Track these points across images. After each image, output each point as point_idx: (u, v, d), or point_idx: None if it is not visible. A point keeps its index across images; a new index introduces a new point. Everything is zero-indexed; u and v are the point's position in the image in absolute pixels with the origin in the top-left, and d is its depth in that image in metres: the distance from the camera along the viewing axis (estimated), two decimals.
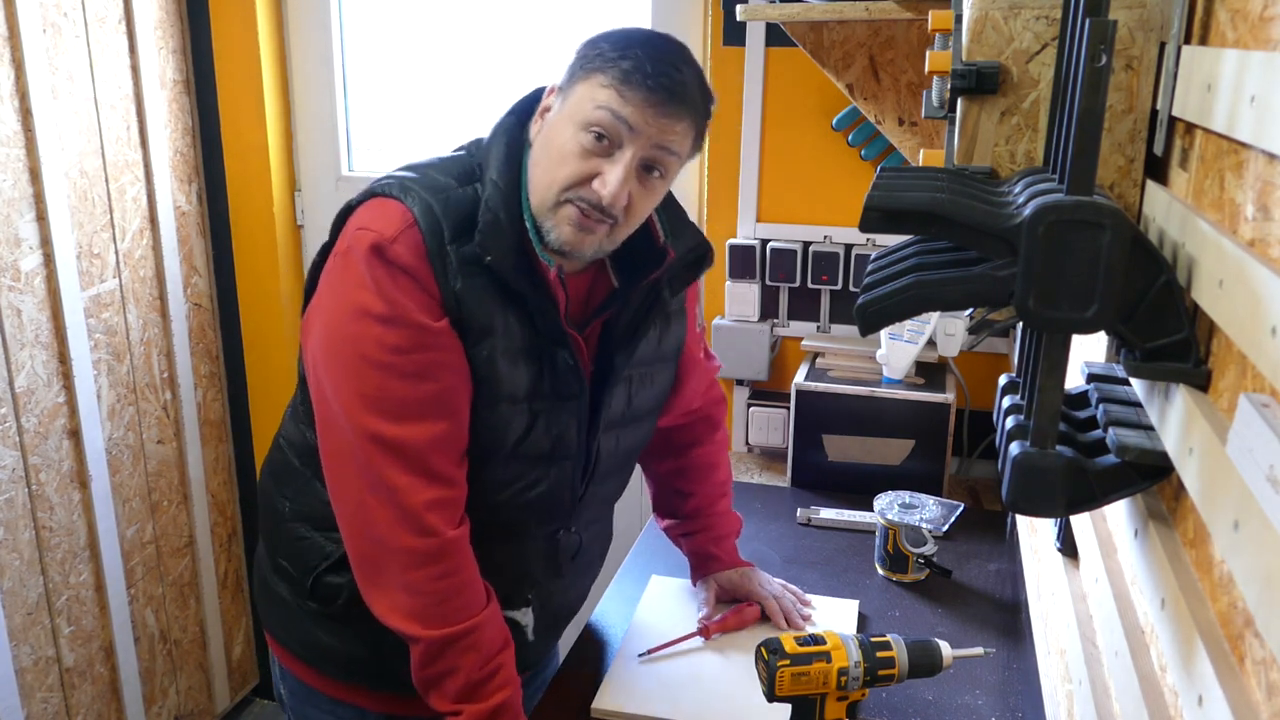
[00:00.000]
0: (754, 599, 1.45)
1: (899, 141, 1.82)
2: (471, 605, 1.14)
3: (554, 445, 1.20)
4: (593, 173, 1.09)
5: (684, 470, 1.50)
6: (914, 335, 1.86)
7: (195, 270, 2.40)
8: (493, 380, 1.13)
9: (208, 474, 2.49)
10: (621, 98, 1.08)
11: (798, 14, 1.69)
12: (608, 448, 1.28)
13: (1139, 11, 0.78)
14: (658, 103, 1.08)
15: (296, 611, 1.28)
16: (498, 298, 1.12)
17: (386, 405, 1.10)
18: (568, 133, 1.10)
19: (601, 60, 1.10)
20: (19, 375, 1.94)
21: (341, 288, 1.12)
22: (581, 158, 1.09)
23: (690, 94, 1.10)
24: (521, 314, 1.14)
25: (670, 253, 1.22)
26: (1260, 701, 0.53)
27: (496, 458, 1.18)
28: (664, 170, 1.13)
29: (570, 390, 1.19)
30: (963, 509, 1.81)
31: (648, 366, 1.29)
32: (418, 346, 1.09)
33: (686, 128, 1.12)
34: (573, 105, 1.11)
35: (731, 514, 1.52)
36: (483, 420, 1.15)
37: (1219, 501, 0.57)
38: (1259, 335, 0.54)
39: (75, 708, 2.16)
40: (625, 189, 1.09)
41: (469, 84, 2.32)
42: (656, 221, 1.24)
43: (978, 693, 1.32)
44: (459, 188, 1.13)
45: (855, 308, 0.74)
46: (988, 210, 0.69)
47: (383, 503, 1.11)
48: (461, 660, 1.13)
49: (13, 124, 1.89)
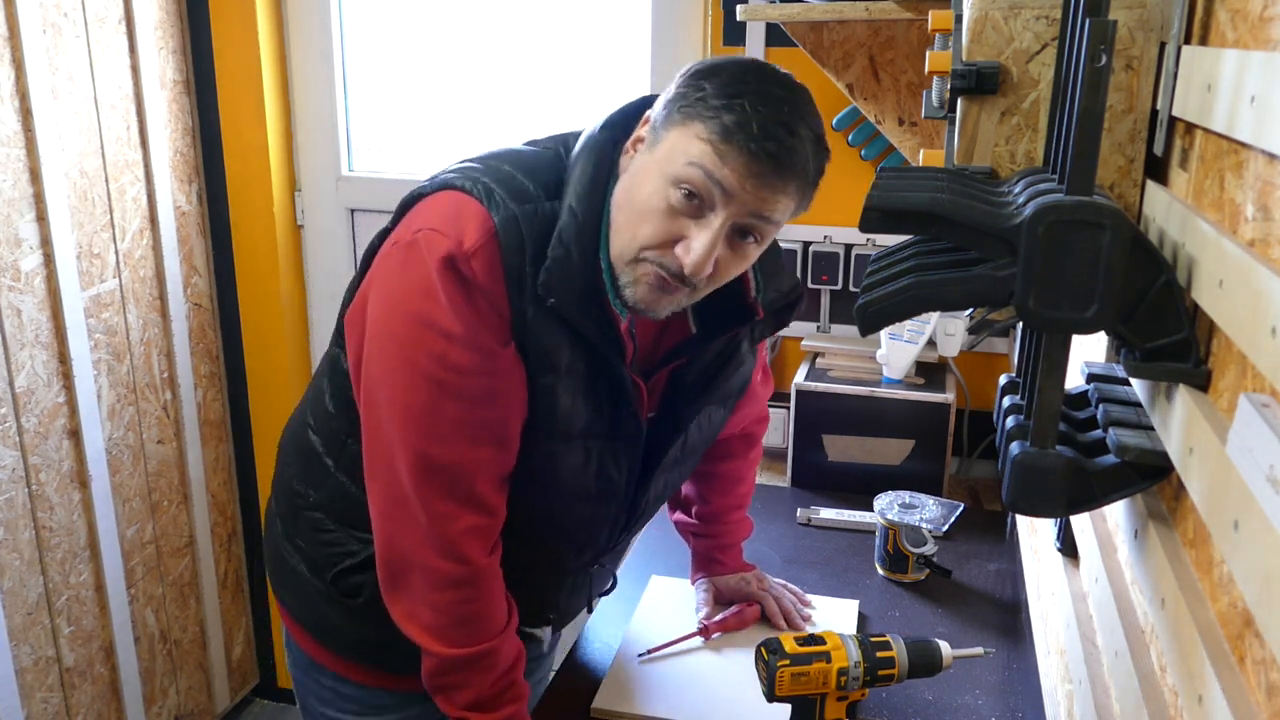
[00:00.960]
0: (753, 600, 1.45)
1: (899, 141, 1.82)
2: (491, 628, 1.11)
3: (601, 487, 1.15)
4: (678, 235, 0.98)
5: (710, 478, 1.46)
6: (914, 335, 1.86)
7: (195, 270, 2.40)
8: (550, 412, 1.06)
9: (208, 474, 2.49)
10: (720, 157, 0.94)
11: (798, 14, 1.69)
12: (656, 490, 1.23)
13: (1139, 11, 0.78)
14: (760, 172, 0.94)
15: (311, 589, 1.23)
16: (565, 331, 1.03)
17: (436, 425, 1.03)
18: (655, 184, 0.98)
19: (703, 106, 0.95)
20: (19, 375, 1.94)
21: (403, 289, 1.02)
22: (668, 216, 0.97)
23: (800, 161, 0.96)
24: (588, 351, 1.06)
25: (759, 311, 1.13)
26: (1260, 701, 0.53)
27: (541, 489, 1.13)
28: (760, 237, 1.01)
29: (627, 432, 1.12)
30: (963, 509, 1.81)
31: (707, 405, 1.22)
32: (479, 371, 1.01)
33: (791, 195, 0.98)
34: (664, 153, 0.98)
35: (744, 521, 1.50)
36: (533, 450, 1.09)
37: (1219, 501, 0.57)
38: (1259, 335, 0.54)
39: (75, 708, 2.16)
40: (711, 257, 0.97)
41: (469, 84, 2.32)
42: (751, 274, 1.13)
43: (978, 693, 1.32)
44: (545, 201, 1.02)
45: (855, 308, 0.74)
46: (988, 210, 0.69)
47: (417, 521, 1.06)
48: (473, 678, 1.11)
49: (13, 124, 1.89)
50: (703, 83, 0.97)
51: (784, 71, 1.01)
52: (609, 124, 1.07)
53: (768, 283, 1.15)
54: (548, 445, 1.09)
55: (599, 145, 1.05)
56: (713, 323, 1.14)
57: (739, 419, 1.39)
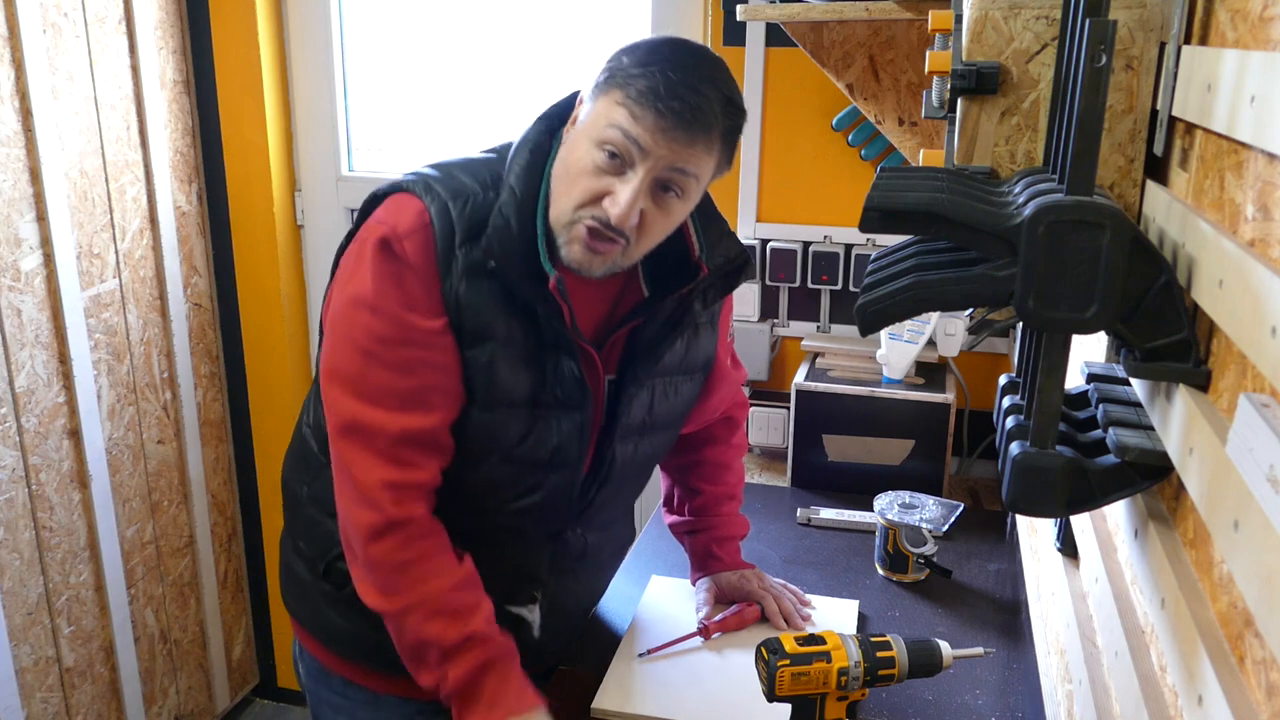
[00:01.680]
0: (753, 599, 1.45)
1: (899, 141, 1.82)
2: (432, 575, 1.15)
3: (553, 453, 1.20)
4: (604, 191, 1.08)
5: (696, 466, 1.49)
6: (914, 335, 1.86)
7: (195, 270, 2.40)
8: (491, 384, 1.14)
9: (208, 474, 2.49)
10: (634, 118, 1.06)
11: (798, 14, 1.69)
12: (624, 455, 1.27)
13: (1139, 11, 0.78)
14: (670, 127, 1.05)
15: (312, 591, 1.30)
16: (502, 303, 1.12)
17: (364, 390, 1.13)
18: (583, 149, 1.09)
19: (622, 76, 1.08)
20: (19, 375, 1.94)
21: (349, 274, 1.15)
22: (594, 175, 1.08)
23: (708, 117, 1.07)
24: (527, 320, 1.14)
25: (704, 269, 1.21)
26: (1260, 701, 0.53)
27: (491, 460, 1.18)
28: (681, 190, 1.10)
29: (573, 399, 1.18)
30: (963, 509, 1.81)
31: (672, 377, 1.28)
32: (403, 342, 1.11)
33: (704, 150, 1.09)
34: (590, 121, 1.10)
35: (738, 517, 1.52)
36: (478, 422, 1.16)
37: (1219, 501, 0.57)
38: (1259, 335, 0.54)
39: (75, 708, 2.16)
40: (635, 209, 1.07)
41: (469, 83, 2.32)
42: (693, 234, 1.22)
43: (978, 693, 1.32)
44: (482, 193, 1.14)
45: (855, 308, 0.74)
46: (988, 210, 0.69)
47: (346, 480, 1.15)
48: (428, 627, 1.13)
49: (13, 124, 1.89)
50: (622, 57, 1.10)
51: (698, 44, 1.13)
52: (544, 117, 1.19)
53: (713, 247, 1.23)
54: (494, 414, 1.16)
55: (536, 134, 1.17)
56: (662, 286, 1.23)
57: (716, 402, 1.42)
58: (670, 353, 1.25)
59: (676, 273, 1.22)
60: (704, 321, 1.30)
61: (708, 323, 1.31)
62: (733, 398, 1.48)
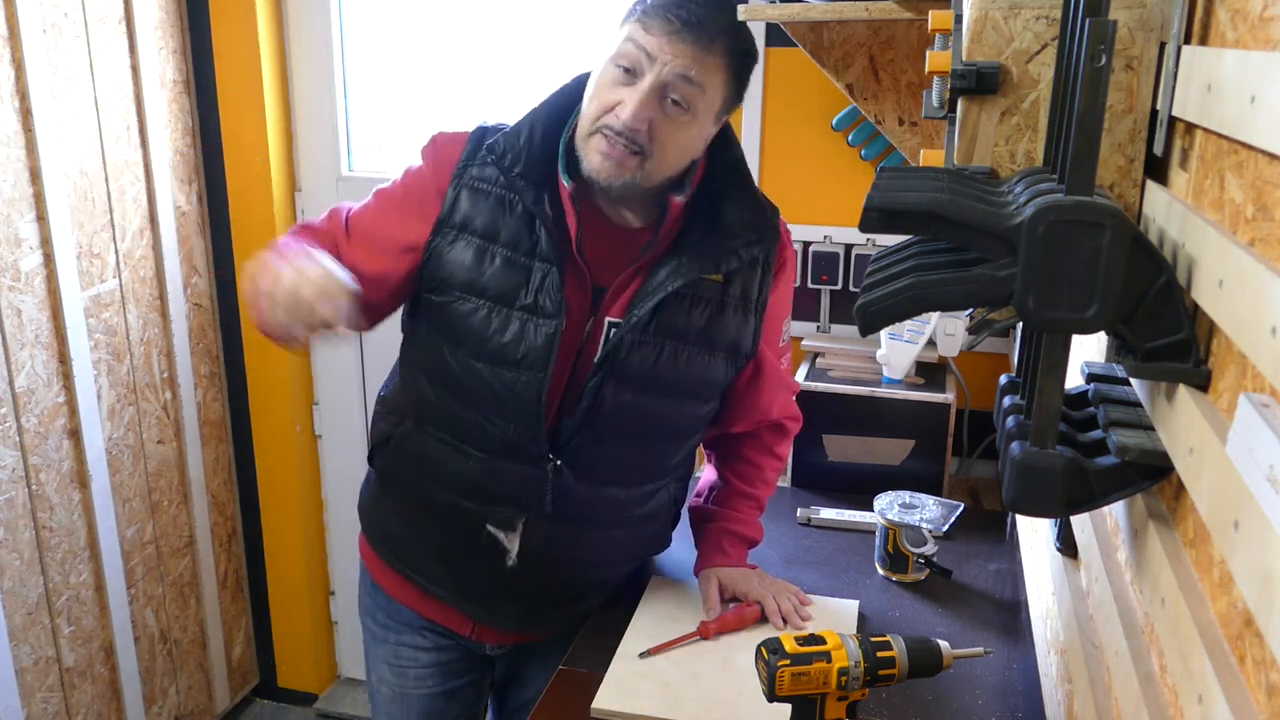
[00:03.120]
0: (752, 598, 1.45)
1: (899, 141, 1.82)
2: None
3: (525, 355, 1.27)
4: (617, 101, 1.19)
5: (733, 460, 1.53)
6: (914, 335, 1.86)
7: (195, 270, 2.40)
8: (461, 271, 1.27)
9: (208, 474, 2.49)
10: (645, 29, 1.18)
11: (798, 14, 1.69)
12: (619, 402, 1.30)
13: (1139, 11, 0.78)
14: (674, 31, 1.16)
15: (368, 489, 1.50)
16: (500, 210, 1.27)
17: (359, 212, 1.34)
18: (604, 69, 1.22)
19: (640, 4, 1.21)
20: (19, 375, 1.94)
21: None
22: (610, 89, 1.20)
23: (714, 28, 1.18)
24: (526, 228, 1.26)
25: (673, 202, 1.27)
26: (1260, 701, 0.53)
27: (466, 349, 1.28)
28: (687, 102, 1.19)
29: (547, 310, 1.25)
30: (963, 509, 1.81)
31: (685, 344, 1.31)
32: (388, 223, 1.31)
33: (707, 58, 1.18)
34: (612, 47, 1.22)
35: (755, 522, 1.52)
36: (452, 307, 1.28)
37: (1219, 501, 0.57)
38: (1259, 335, 0.54)
39: (75, 708, 2.16)
40: (643, 113, 1.18)
41: (469, 83, 2.32)
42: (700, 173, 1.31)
43: (978, 693, 1.32)
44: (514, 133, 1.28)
45: (855, 308, 0.74)
46: (988, 210, 0.69)
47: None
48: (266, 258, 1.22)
49: (13, 124, 1.89)
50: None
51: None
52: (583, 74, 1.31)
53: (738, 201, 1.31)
54: (465, 302, 1.28)
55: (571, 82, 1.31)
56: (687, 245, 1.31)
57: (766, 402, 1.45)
58: (687, 317, 1.30)
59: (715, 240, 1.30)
60: (734, 302, 1.34)
61: (738, 305, 1.34)
62: (785, 407, 1.50)
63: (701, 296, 1.31)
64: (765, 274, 1.36)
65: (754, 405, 1.44)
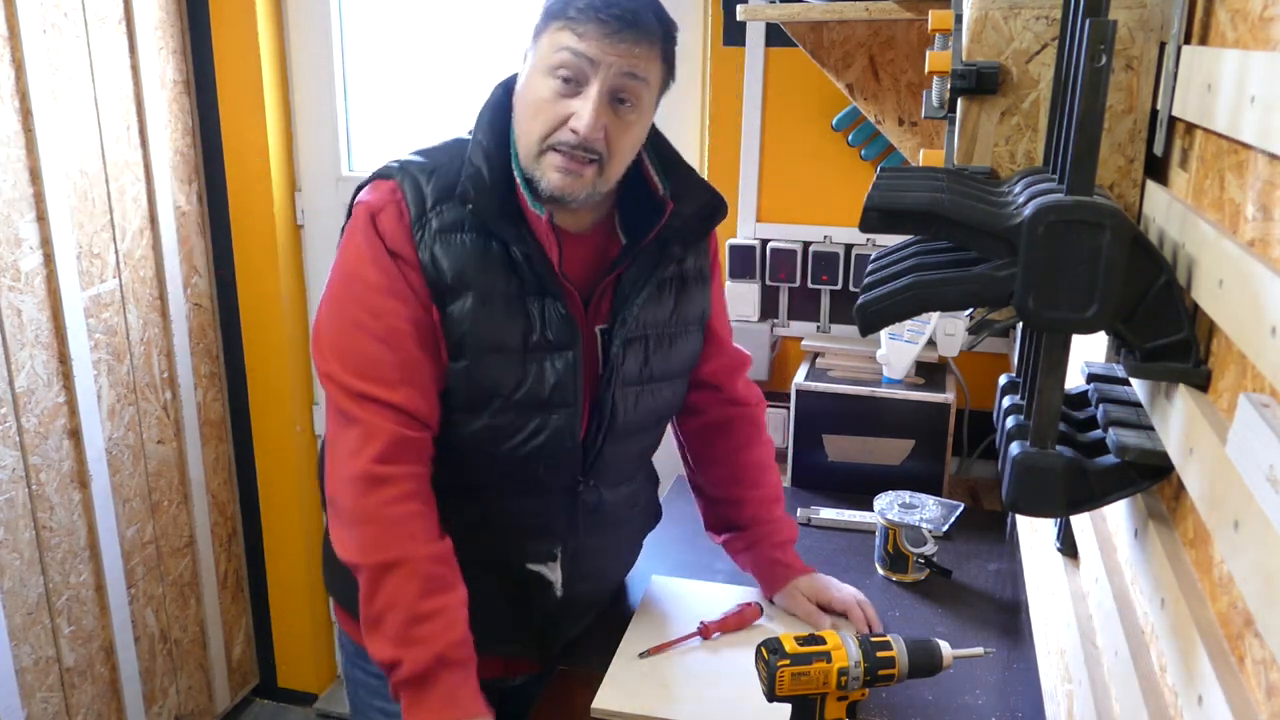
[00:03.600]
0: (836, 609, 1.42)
1: (899, 141, 1.82)
2: (419, 536, 1.17)
3: (550, 393, 1.23)
4: (566, 114, 1.14)
5: (735, 476, 1.48)
6: (914, 335, 1.86)
7: (195, 270, 2.40)
8: (478, 334, 1.19)
9: (208, 474, 2.49)
10: (578, 35, 1.13)
11: (798, 14, 1.69)
12: (627, 405, 1.29)
13: (1139, 11, 0.78)
14: (612, 32, 1.12)
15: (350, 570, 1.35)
16: (480, 256, 1.18)
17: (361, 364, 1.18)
18: (537, 81, 1.16)
19: (558, 6, 1.15)
20: (19, 375, 1.94)
21: (340, 255, 1.22)
22: (554, 102, 1.15)
23: (644, 19, 1.15)
24: (508, 269, 1.19)
25: (670, 204, 1.25)
26: (1260, 701, 0.53)
27: (493, 406, 1.22)
28: (635, 100, 1.17)
29: (563, 340, 1.22)
30: (963, 509, 1.80)
31: (665, 330, 1.31)
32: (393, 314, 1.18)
33: (648, 51, 1.15)
34: (539, 56, 1.17)
35: (788, 520, 1.49)
36: (475, 372, 1.20)
37: (1219, 501, 0.57)
38: (1259, 335, 0.54)
39: (75, 708, 2.16)
40: (599, 121, 1.14)
41: (469, 84, 2.32)
42: (653, 172, 1.27)
43: (978, 693, 1.32)
44: (452, 163, 1.20)
45: (855, 308, 0.74)
46: (988, 210, 0.69)
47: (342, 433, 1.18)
48: (402, 590, 1.14)
49: (13, 124, 1.89)
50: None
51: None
52: (502, 84, 1.26)
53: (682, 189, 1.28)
54: (486, 363, 1.20)
55: (496, 98, 1.24)
56: (638, 230, 1.28)
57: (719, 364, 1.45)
58: (658, 305, 1.29)
59: (649, 219, 1.27)
60: (692, 275, 1.34)
61: (696, 277, 1.35)
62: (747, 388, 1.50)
63: (666, 279, 1.30)
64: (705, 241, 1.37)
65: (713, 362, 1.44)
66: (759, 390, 1.53)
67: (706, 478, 1.50)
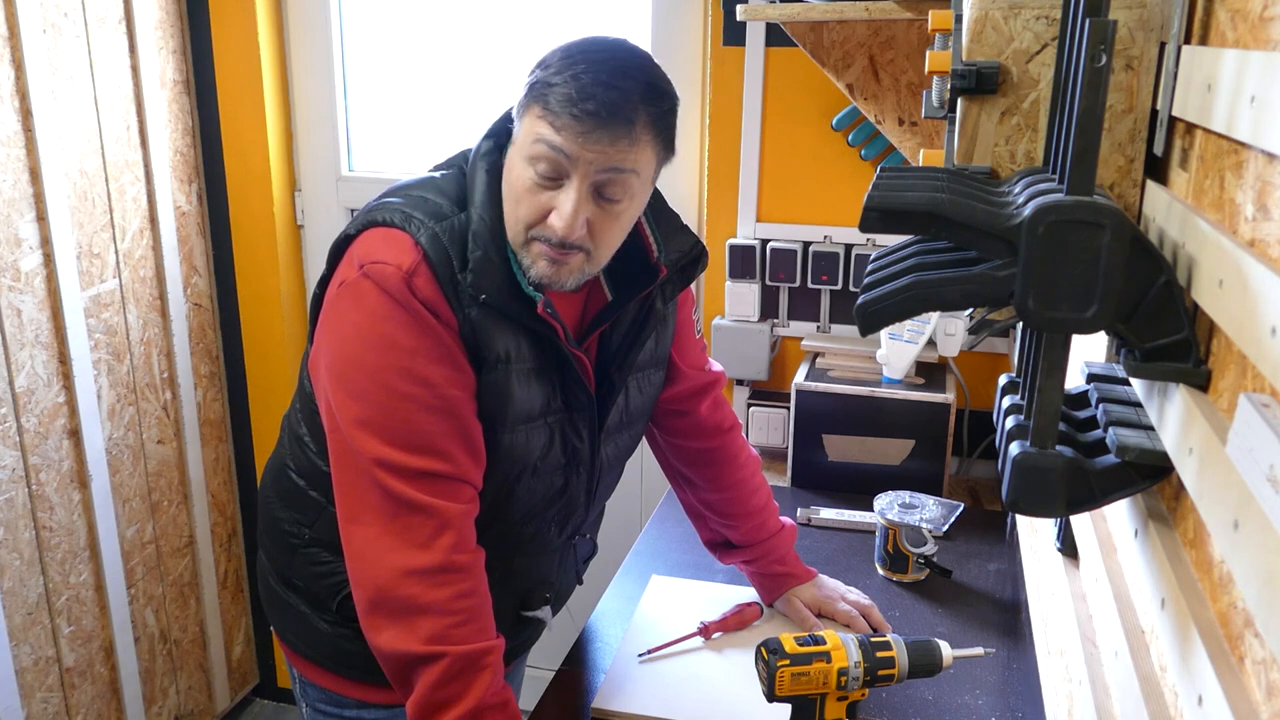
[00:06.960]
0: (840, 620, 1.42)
1: (899, 141, 1.82)
2: (491, 625, 1.12)
3: (570, 455, 1.23)
4: (547, 208, 1.07)
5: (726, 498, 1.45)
6: (914, 335, 1.86)
7: (195, 270, 2.40)
8: (510, 400, 1.13)
9: (208, 474, 2.49)
10: (555, 129, 1.04)
11: (798, 14, 1.69)
12: (607, 453, 1.29)
13: (1139, 11, 0.78)
14: (590, 129, 1.03)
15: (318, 625, 1.27)
16: (503, 323, 1.11)
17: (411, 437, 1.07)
18: (519, 168, 1.08)
19: (540, 88, 1.07)
20: (19, 375, 1.94)
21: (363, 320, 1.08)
22: (534, 193, 1.07)
23: (627, 110, 1.04)
24: (530, 336, 1.14)
25: (663, 270, 1.21)
26: (1260, 701, 0.53)
27: (525, 474, 1.19)
28: (624, 190, 1.08)
29: (579, 402, 1.20)
30: (963, 509, 1.81)
31: (644, 371, 1.30)
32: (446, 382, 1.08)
33: (631, 145, 1.05)
34: (521, 138, 1.09)
35: (783, 529, 1.48)
36: (506, 442, 1.15)
37: (1219, 501, 0.57)
38: (1259, 335, 0.54)
39: (75, 708, 2.16)
40: (579, 218, 1.06)
41: (469, 84, 2.32)
42: (649, 234, 1.22)
43: (978, 693, 1.32)
44: (459, 214, 1.12)
45: (855, 308, 0.74)
46: (988, 210, 0.69)
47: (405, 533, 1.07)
48: (477, 680, 1.07)
49: (13, 124, 1.89)
50: (543, 63, 1.09)
51: (616, 38, 1.11)
52: (491, 133, 1.17)
53: (669, 243, 1.23)
54: (517, 431, 1.16)
55: (487, 154, 1.15)
56: (625, 288, 1.23)
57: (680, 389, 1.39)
58: (640, 350, 1.26)
59: (637, 273, 1.22)
60: (669, 312, 1.31)
61: (671, 312, 1.32)
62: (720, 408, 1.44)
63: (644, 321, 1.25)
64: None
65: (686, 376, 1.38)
66: (731, 411, 1.47)
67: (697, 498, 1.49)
